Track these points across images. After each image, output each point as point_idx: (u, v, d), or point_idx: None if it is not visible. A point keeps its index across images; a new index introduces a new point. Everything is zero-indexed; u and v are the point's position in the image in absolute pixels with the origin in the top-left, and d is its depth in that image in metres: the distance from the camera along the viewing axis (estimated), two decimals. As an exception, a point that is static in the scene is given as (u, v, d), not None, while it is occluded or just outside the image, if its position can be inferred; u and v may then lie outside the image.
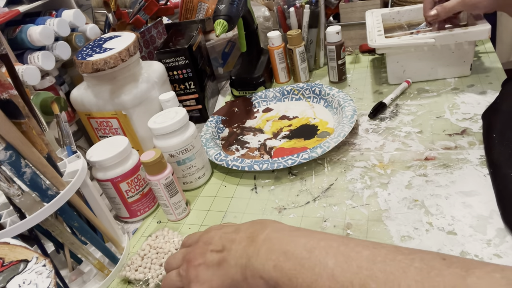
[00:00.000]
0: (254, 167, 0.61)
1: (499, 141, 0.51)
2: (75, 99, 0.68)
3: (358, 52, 0.94)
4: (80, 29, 0.74)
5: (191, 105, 0.83)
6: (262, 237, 0.31)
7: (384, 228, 0.48)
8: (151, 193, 0.61)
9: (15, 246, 0.35)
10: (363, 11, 0.88)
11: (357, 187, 0.55)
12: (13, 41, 0.65)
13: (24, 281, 0.32)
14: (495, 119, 0.55)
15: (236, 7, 0.71)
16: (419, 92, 0.72)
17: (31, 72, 0.61)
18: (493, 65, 0.74)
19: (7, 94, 0.40)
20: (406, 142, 0.61)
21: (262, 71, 0.86)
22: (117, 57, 0.61)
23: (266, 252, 0.30)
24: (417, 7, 0.80)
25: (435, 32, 0.68)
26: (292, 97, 0.82)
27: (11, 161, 0.40)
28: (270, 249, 0.30)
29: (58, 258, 0.55)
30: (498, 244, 0.42)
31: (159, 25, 0.89)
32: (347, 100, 0.70)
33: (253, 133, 0.75)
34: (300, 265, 0.28)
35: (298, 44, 0.83)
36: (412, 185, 0.53)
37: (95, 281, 0.51)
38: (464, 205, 0.48)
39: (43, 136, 0.45)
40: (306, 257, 0.28)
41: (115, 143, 0.57)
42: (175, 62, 0.78)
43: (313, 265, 0.27)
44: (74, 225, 0.47)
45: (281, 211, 0.55)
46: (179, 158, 0.60)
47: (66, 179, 0.47)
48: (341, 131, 0.62)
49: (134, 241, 0.58)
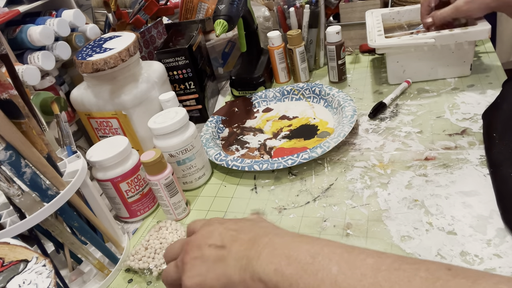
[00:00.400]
0: (254, 167, 0.61)
1: (499, 141, 0.51)
2: (75, 99, 0.68)
3: (358, 52, 0.94)
4: (80, 29, 0.74)
5: (191, 105, 0.83)
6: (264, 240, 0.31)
7: (384, 228, 0.48)
8: (151, 193, 0.61)
9: (15, 246, 0.35)
10: (363, 11, 0.88)
11: (357, 187, 0.55)
12: (13, 41, 0.65)
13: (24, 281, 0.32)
14: (495, 118, 0.55)
15: (236, 7, 0.71)
16: (419, 92, 0.72)
17: (31, 72, 0.61)
18: (493, 65, 0.74)
19: (7, 94, 0.40)
20: (406, 142, 0.61)
21: (262, 71, 0.86)
22: (117, 57, 0.61)
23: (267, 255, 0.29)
24: (417, 7, 0.80)
25: (435, 32, 0.68)
26: (292, 97, 0.82)
27: (11, 161, 0.40)
28: (272, 253, 0.29)
29: (58, 258, 0.55)
30: (498, 244, 0.42)
31: (159, 25, 0.89)
32: (347, 100, 0.70)
33: (253, 133, 0.75)
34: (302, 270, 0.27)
35: (298, 44, 0.83)
36: (412, 185, 0.53)
37: (95, 281, 0.51)
38: (464, 205, 0.48)
39: (43, 136, 0.45)
40: (309, 262, 0.28)
41: (115, 143, 0.57)
42: (175, 62, 0.78)
43: (316, 270, 0.27)
44: (74, 225, 0.47)
45: (281, 211, 0.55)
46: (179, 158, 0.60)
47: (66, 179, 0.47)
48: (341, 131, 0.62)
49: (134, 241, 0.58)
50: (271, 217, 0.54)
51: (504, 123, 0.53)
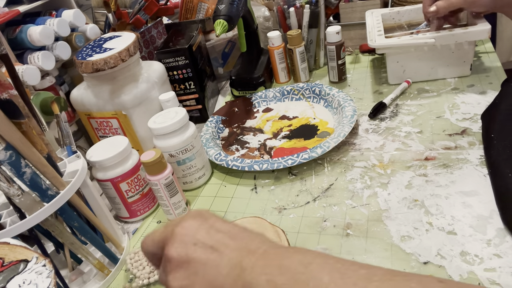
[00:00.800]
0: (254, 167, 0.61)
1: (497, 141, 0.51)
2: (75, 99, 0.68)
3: (358, 52, 0.94)
4: (80, 29, 0.74)
5: (191, 105, 0.83)
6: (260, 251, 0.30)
7: (384, 228, 0.48)
8: (151, 193, 0.61)
9: (15, 246, 0.35)
10: (363, 11, 0.88)
11: (357, 187, 0.55)
12: (13, 41, 0.65)
13: (24, 281, 0.32)
14: (494, 119, 0.55)
15: (236, 7, 0.71)
16: (419, 92, 0.72)
17: (31, 72, 0.61)
18: (493, 65, 0.74)
19: (7, 94, 0.40)
20: (406, 142, 0.61)
21: (262, 71, 0.86)
22: (117, 57, 0.61)
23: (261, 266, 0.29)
24: (417, 7, 0.80)
25: (435, 32, 0.68)
26: (292, 97, 0.82)
27: (11, 161, 0.40)
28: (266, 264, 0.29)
29: (58, 258, 0.55)
30: (498, 244, 0.42)
31: (159, 25, 0.89)
32: (347, 100, 0.70)
33: (253, 133, 0.75)
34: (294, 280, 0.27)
35: (298, 44, 0.83)
36: (412, 185, 0.53)
37: (95, 281, 0.51)
38: (464, 205, 0.48)
39: (43, 136, 0.45)
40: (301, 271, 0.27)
41: (115, 143, 0.57)
42: (175, 62, 0.78)
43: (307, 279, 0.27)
44: (74, 225, 0.47)
45: (281, 211, 0.55)
46: (179, 158, 0.60)
47: (66, 179, 0.47)
48: (341, 131, 0.62)
49: (134, 241, 0.58)
50: (271, 217, 0.54)
51: (502, 123, 0.53)
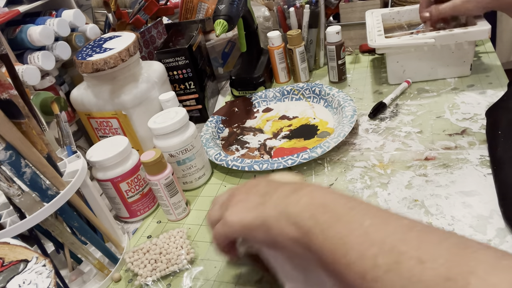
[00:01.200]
0: (254, 167, 0.61)
1: (504, 139, 0.51)
2: (75, 99, 0.68)
3: (358, 52, 0.94)
4: (80, 29, 0.74)
5: (191, 105, 0.83)
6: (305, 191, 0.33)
7: (384, 228, 0.48)
8: (151, 193, 0.61)
9: (15, 246, 0.35)
10: (363, 11, 0.88)
11: (357, 187, 0.55)
12: (13, 41, 0.65)
13: (24, 281, 0.32)
14: (501, 116, 0.55)
15: (236, 7, 0.71)
16: (419, 92, 0.72)
17: (31, 72, 0.61)
18: (493, 65, 0.74)
19: (7, 94, 0.40)
20: (406, 142, 0.61)
21: (262, 71, 0.86)
22: (117, 57, 0.61)
23: (305, 203, 0.31)
24: (417, 7, 0.80)
25: (435, 32, 0.68)
26: (292, 97, 0.82)
27: (11, 161, 0.40)
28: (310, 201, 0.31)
29: (58, 258, 0.55)
30: (498, 244, 0.42)
31: (159, 25, 0.89)
32: (347, 100, 0.70)
33: (253, 133, 0.75)
34: (336, 219, 0.28)
35: (298, 44, 0.83)
36: (412, 185, 0.53)
37: (95, 281, 0.51)
38: (464, 205, 0.48)
39: (43, 136, 0.45)
40: (344, 213, 0.29)
41: (115, 143, 0.57)
42: (175, 62, 0.78)
43: (349, 221, 0.28)
44: (74, 225, 0.47)
45: (281, 211, 0.55)
46: (179, 158, 0.60)
47: (66, 179, 0.47)
48: (341, 131, 0.62)
49: (134, 241, 0.58)
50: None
51: (510, 122, 0.53)
